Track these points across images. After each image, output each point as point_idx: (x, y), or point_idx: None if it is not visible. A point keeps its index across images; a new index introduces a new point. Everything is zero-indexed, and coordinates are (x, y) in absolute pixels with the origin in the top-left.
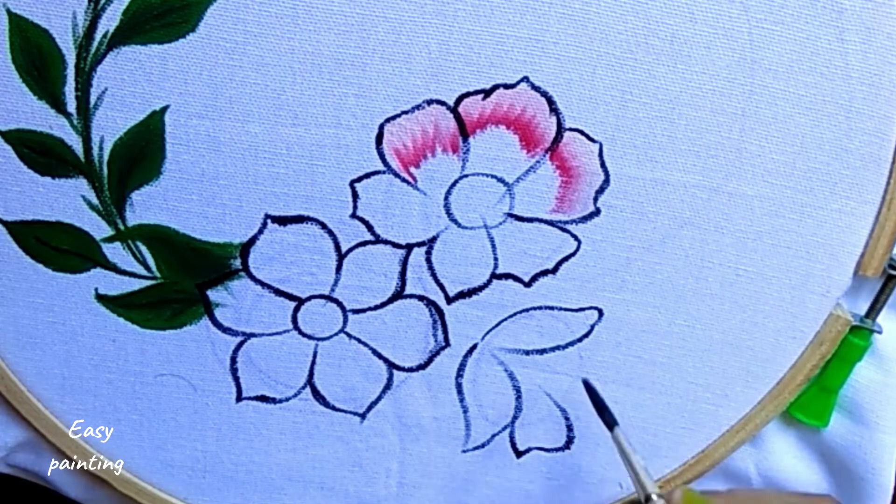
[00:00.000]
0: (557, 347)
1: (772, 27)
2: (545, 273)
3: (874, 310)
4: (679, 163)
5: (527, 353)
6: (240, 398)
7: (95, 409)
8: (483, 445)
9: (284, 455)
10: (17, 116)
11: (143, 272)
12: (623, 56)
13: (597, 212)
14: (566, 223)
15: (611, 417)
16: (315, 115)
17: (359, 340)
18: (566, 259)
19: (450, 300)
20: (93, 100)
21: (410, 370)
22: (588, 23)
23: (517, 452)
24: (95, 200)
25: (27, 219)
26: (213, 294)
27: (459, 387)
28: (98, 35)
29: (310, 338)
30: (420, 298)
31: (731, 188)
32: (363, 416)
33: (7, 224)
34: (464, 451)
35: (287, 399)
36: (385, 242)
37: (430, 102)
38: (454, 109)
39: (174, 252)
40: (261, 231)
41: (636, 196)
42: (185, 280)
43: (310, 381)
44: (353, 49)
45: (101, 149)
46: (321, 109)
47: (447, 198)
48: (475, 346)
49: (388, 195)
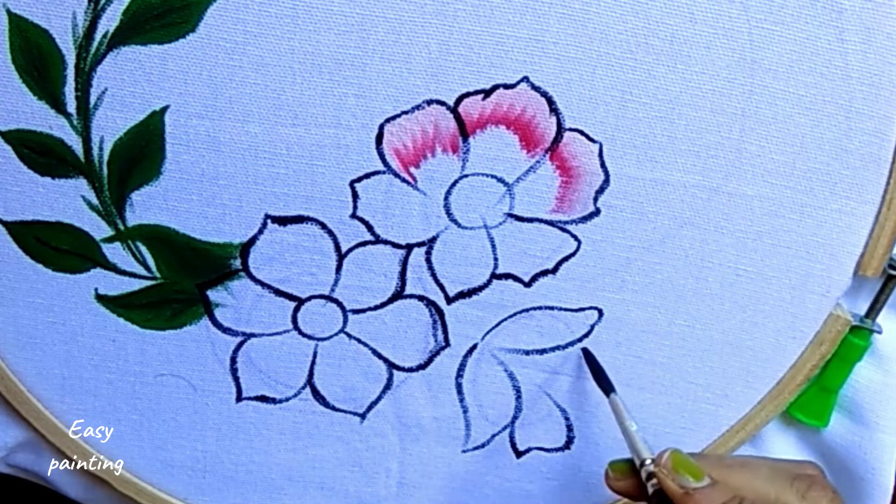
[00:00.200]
0: (557, 347)
1: (772, 27)
2: (545, 273)
3: (874, 310)
4: (679, 163)
5: (527, 353)
6: (240, 398)
7: (95, 409)
8: (483, 445)
9: (284, 455)
10: (17, 116)
11: (143, 272)
12: (623, 56)
13: (597, 212)
14: (566, 223)
15: (608, 384)
16: (315, 116)
17: (359, 340)
18: (566, 259)
19: (450, 300)
20: (93, 100)
21: (410, 370)
22: (588, 23)
23: (517, 452)
24: (95, 200)
25: (27, 219)
26: (213, 294)
27: (459, 387)
28: (98, 35)
29: (310, 338)
30: (420, 298)
31: (731, 188)
32: (363, 417)
33: (7, 224)
34: (464, 452)
35: (287, 399)
36: (385, 242)
37: (430, 102)
38: (454, 109)
39: (174, 252)
40: (261, 231)
41: (636, 196)
42: (185, 280)
43: (310, 382)
44: (353, 49)
45: (101, 149)
46: (321, 109)
47: (447, 198)
48: (475, 346)
49: (388, 195)
